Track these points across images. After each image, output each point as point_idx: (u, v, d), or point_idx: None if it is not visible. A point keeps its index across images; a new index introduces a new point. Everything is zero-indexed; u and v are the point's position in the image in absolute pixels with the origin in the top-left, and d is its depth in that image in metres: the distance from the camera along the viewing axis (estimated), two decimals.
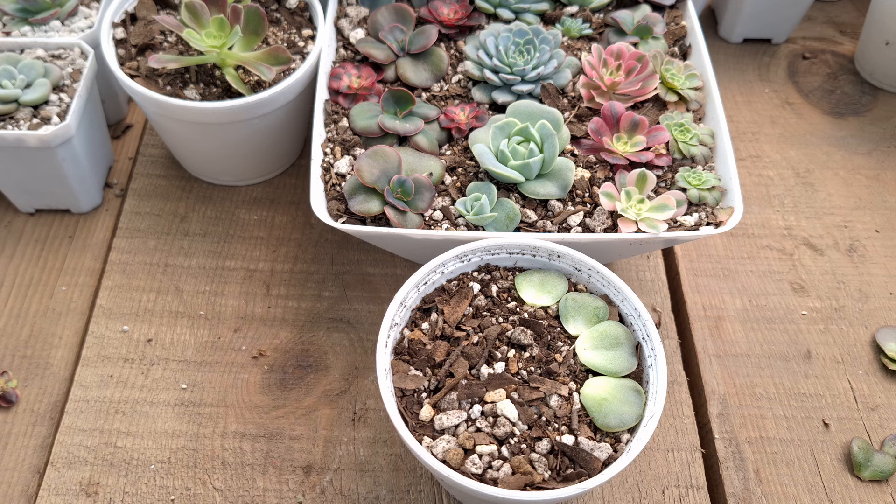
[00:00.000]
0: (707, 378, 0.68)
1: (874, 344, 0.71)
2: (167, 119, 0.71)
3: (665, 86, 0.69)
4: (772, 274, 0.75)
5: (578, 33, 0.74)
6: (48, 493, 0.60)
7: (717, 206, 0.63)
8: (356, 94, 0.69)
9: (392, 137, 0.66)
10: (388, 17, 0.73)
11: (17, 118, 0.69)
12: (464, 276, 0.59)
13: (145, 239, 0.75)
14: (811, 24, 0.98)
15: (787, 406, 0.67)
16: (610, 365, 0.54)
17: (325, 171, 0.65)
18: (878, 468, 0.62)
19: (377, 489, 0.61)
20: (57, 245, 0.75)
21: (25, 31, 0.75)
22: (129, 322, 0.70)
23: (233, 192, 0.80)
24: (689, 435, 0.65)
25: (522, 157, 0.62)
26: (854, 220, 0.80)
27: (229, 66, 0.69)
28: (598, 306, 0.57)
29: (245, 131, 0.71)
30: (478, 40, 0.72)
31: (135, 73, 0.71)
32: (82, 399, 0.65)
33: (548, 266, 0.60)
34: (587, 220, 0.62)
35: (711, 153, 0.67)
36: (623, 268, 0.75)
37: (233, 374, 0.67)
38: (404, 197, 0.61)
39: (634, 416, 0.52)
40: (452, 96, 0.70)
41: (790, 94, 0.91)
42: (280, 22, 0.76)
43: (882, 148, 0.86)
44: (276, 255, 0.75)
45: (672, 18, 0.76)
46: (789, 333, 0.71)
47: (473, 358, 0.54)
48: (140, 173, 0.81)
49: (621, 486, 0.62)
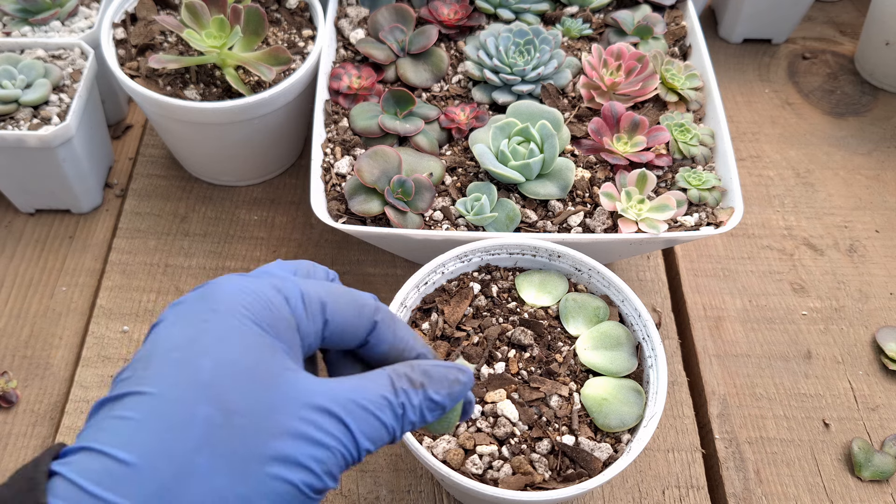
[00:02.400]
0: (707, 378, 0.68)
1: (874, 344, 0.71)
2: (167, 119, 0.71)
3: (665, 86, 0.69)
4: (772, 274, 0.75)
5: (578, 33, 0.74)
6: None
7: (717, 207, 0.63)
8: (356, 94, 0.69)
9: (392, 138, 0.66)
10: (388, 17, 0.73)
11: (18, 118, 0.69)
12: (464, 276, 0.59)
13: (145, 239, 0.75)
14: (811, 24, 0.98)
15: (787, 406, 0.67)
16: (610, 365, 0.54)
17: (326, 171, 0.65)
18: (879, 468, 0.62)
19: (377, 489, 0.61)
20: (57, 245, 0.75)
21: (25, 32, 0.75)
22: (130, 322, 0.70)
23: (233, 193, 0.80)
24: (689, 435, 0.65)
25: (522, 158, 0.62)
26: (854, 220, 0.79)
27: (229, 67, 0.69)
28: (599, 306, 0.57)
29: (245, 131, 0.71)
30: (478, 40, 0.72)
31: (135, 74, 0.71)
32: (82, 399, 0.65)
33: (548, 266, 0.60)
34: (587, 221, 0.62)
35: (711, 153, 0.67)
36: (623, 268, 0.75)
37: None
38: (404, 197, 0.61)
39: (635, 417, 0.52)
40: (452, 96, 0.70)
41: (790, 94, 0.91)
42: (280, 22, 0.76)
43: (882, 148, 0.86)
44: (277, 255, 0.75)
45: (672, 18, 0.76)
46: (789, 333, 0.71)
47: (474, 358, 0.54)
48: (140, 173, 0.81)
49: (621, 487, 0.62)
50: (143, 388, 0.31)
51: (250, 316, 0.34)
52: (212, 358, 0.32)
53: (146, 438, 0.30)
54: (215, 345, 0.32)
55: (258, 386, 0.32)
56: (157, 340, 0.33)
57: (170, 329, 0.33)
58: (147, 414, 0.31)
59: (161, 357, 0.32)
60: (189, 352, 0.32)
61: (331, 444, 0.33)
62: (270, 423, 0.32)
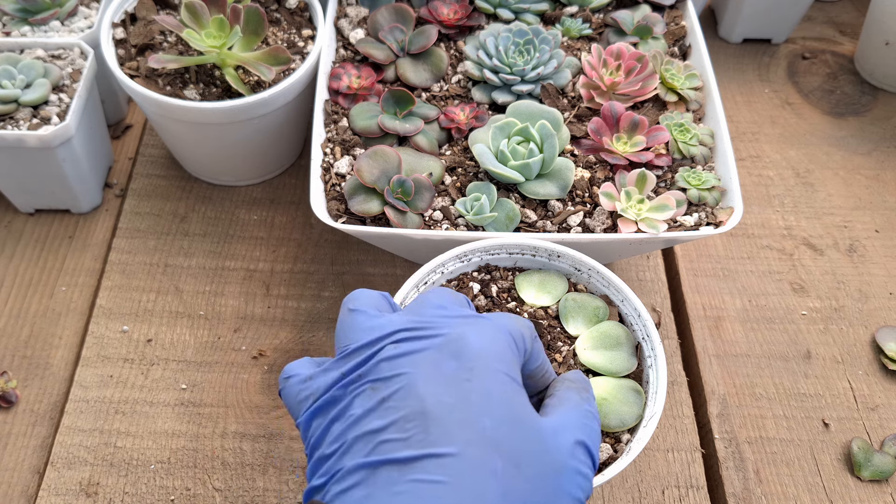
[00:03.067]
0: (707, 378, 0.68)
1: (874, 344, 0.71)
2: (167, 119, 0.71)
3: (665, 86, 0.69)
4: (772, 274, 0.75)
5: (578, 33, 0.74)
6: (48, 493, 0.60)
7: (716, 206, 0.63)
8: (356, 94, 0.69)
9: (392, 137, 0.66)
10: (387, 17, 0.73)
11: (17, 118, 0.69)
12: (464, 276, 0.59)
13: (145, 239, 0.75)
14: (811, 24, 0.98)
15: (787, 406, 0.67)
16: (610, 365, 0.54)
17: (325, 171, 0.65)
18: (878, 468, 0.62)
19: None
20: (57, 245, 0.75)
21: (25, 31, 0.75)
22: (129, 322, 0.70)
23: (233, 192, 0.80)
24: (689, 435, 0.65)
25: (522, 157, 0.62)
26: (854, 220, 0.80)
27: (229, 67, 0.69)
28: (598, 306, 0.57)
29: (245, 131, 0.71)
30: (478, 40, 0.72)
31: (135, 73, 0.71)
32: (82, 399, 0.65)
33: (548, 266, 0.60)
34: (587, 220, 0.62)
35: (711, 153, 0.67)
36: (623, 268, 0.75)
37: (233, 375, 0.67)
38: (404, 197, 0.61)
39: (634, 416, 0.52)
40: (452, 96, 0.70)
41: (790, 94, 0.91)
42: (280, 22, 0.76)
43: (882, 148, 0.86)
44: (276, 255, 0.75)
45: (672, 18, 0.76)
46: (789, 333, 0.71)
47: None
48: (140, 173, 0.81)
49: (621, 486, 0.62)
50: (440, 450, 0.33)
51: (502, 368, 0.37)
52: (489, 416, 0.35)
53: (460, 496, 0.32)
54: (485, 403, 0.35)
55: (528, 434, 0.36)
56: (422, 398, 0.35)
57: (431, 387, 0.35)
58: (455, 474, 0.32)
59: (441, 419, 0.34)
60: (468, 413, 0.34)
61: (589, 474, 0.38)
62: (550, 467, 0.36)
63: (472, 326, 0.39)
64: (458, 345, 0.37)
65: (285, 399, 0.41)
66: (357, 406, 0.36)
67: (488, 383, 0.36)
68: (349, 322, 0.41)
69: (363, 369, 0.37)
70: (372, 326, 0.39)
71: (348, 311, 0.42)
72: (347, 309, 0.42)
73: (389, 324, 0.39)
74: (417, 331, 0.38)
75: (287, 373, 0.41)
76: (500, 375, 0.37)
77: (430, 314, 0.40)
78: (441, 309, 0.41)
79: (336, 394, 0.37)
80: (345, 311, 0.42)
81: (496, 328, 0.39)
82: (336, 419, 0.36)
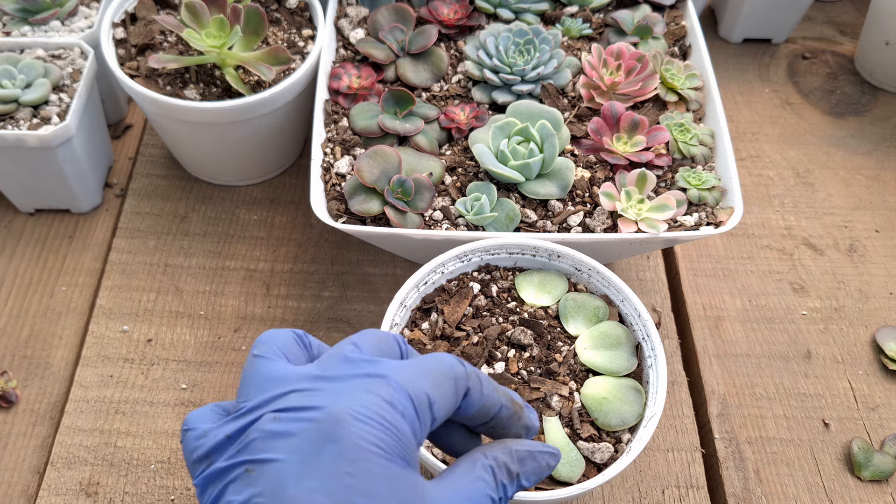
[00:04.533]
0: (707, 378, 0.68)
1: (874, 344, 0.71)
2: (167, 119, 0.71)
3: (665, 86, 0.69)
4: (772, 274, 0.75)
5: (578, 33, 0.74)
6: (48, 493, 0.60)
7: (717, 206, 0.63)
8: (356, 94, 0.69)
9: (392, 137, 0.66)
10: (388, 17, 0.73)
11: (17, 118, 0.69)
12: (464, 276, 0.59)
13: (145, 239, 0.75)
14: (811, 24, 0.98)
15: (787, 406, 0.67)
16: (610, 365, 0.54)
17: (325, 171, 0.65)
18: (878, 468, 0.62)
19: None
20: (57, 245, 0.75)
21: (25, 31, 0.75)
22: (129, 322, 0.70)
23: (233, 192, 0.80)
24: (689, 435, 0.65)
25: (522, 157, 0.62)
26: (854, 220, 0.80)
27: (229, 66, 0.69)
28: (598, 306, 0.57)
29: (245, 131, 0.71)
30: (478, 40, 0.72)
31: (135, 73, 0.71)
32: (82, 399, 0.65)
33: (548, 266, 0.60)
34: (587, 220, 0.62)
35: (711, 153, 0.67)
36: (623, 268, 0.75)
37: (233, 374, 0.67)
38: (404, 197, 0.61)
39: (635, 416, 0.52)
40: (452, 96, 0.70)
41: (790, 94, 0.91)
42: (280, 22, 0.76)
43: (882, 148, 0.86)
44: (276, 255, 0.75)
45: (672, 18, 0.76)
46: (789, 333, 0.71)
47: (473, 358, 0.54)
48: (140, 173, 0.81)
49: (621, 486, 0.62)
50: None
51: (385, 456, 0.33)
52: None
53: None
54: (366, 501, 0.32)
55: None
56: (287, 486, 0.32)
57: (305, 485, 0.32)
58: None
59: None
60: None
61: None
62: None
63: (366, 395, 0.34)
64: (336, 427, 0.33)
65: (183, 452, 0.37)
66: (231, 493, 0.33)
67: (371, 477, 0.32)
68: (248, 371, 0.37)
69: (242, 443, 0.34)
70: (270, 379, 0.36)
71: (252, 356, 0.37)
72: (252, 354, 0.38)
73: (287, 378, 0.35)
74: (309, 393, 0.34)
75: (186, 424, 0.37)
76: (384, 464, 0.33)
77: (332, 368, 0.36)
78: (347, 362, 0.36)
79: (222, 465, 0.34)
80: (249, 355, 0.38)
81: (395, 394, 0.34)
82: (221, 496, 0.33)
